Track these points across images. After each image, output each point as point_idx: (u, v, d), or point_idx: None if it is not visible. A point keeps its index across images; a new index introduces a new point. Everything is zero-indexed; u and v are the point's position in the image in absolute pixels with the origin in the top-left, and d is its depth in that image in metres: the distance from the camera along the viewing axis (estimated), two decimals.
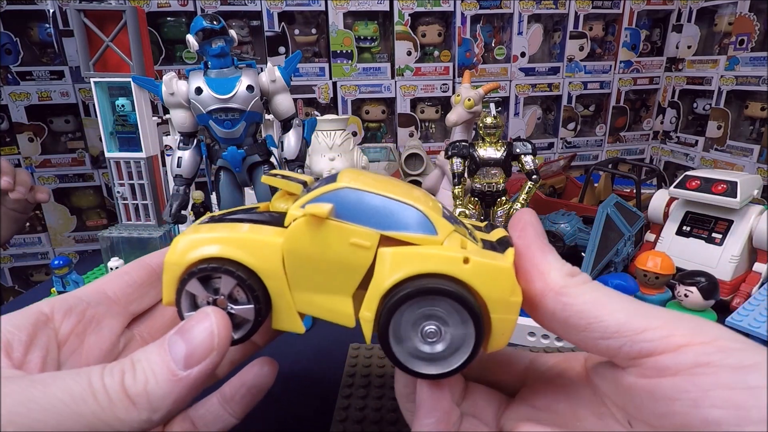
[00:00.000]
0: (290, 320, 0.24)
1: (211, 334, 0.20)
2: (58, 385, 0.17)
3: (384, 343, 0.22)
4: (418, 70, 1.22)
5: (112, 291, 0.26)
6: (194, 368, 0.20)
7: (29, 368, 0.20)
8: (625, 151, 1.42)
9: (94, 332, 0.24)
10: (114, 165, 0.66)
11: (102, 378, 0.18)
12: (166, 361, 0.19)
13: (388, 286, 0.21)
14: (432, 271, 0.21)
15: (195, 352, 0.20)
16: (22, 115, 1.09)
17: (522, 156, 0.56)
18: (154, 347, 0.20)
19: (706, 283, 0.45)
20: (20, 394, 0.17)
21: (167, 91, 0.48)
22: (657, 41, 1.36)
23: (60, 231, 1.20)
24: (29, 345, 0.21)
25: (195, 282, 0.23)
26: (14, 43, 1.07)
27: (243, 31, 1.19)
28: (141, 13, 0.63)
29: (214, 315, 0.21)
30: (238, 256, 0.23)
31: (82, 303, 0.24)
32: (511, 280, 0.21)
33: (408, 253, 0.22)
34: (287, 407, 0.39)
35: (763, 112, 1.10)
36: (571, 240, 0.62)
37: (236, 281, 0.23)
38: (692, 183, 0.57)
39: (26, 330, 0.21)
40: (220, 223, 0.25)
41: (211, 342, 0.20)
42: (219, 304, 0.23)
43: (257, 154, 0.51)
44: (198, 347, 0.20)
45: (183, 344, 0.20)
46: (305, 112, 1.23)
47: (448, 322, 0.22)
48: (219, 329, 0.21)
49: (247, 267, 0.23)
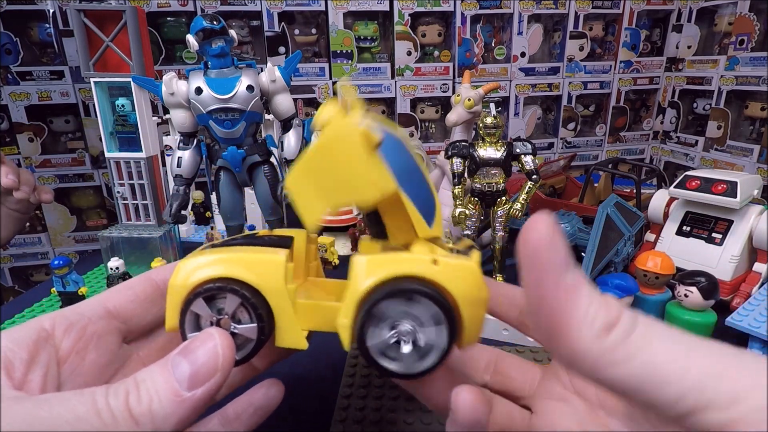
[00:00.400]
0: (294, 337, 0.24)
1: (216, 355, 0.20)
2: (63, 405, 0.17)
3: (362, 346, 0.22)
4: (418, 70, 1.22)
5: (114, 306, 0.26)
6: (198, 389, 0.19)
7: (30, 388, 0.20)
8: (625, 151, 1.42)
9: (95, 349, 0.24)
10: (114, 165, 0.66)
11: (106, 398, 0.18)
12: (170, 382, 0.19)
13: (364, 290, 0.22)
14: (404, 273, 0.22)
15: (199, 373, 0.20)
16: (22, 115, 1.09)
17: (522, 156, 0.56)
18: (157, 367, 0.20)
19: (706, 283, 0.45)
20: (25, 415, 0.17)
21: (167, 91, 0.48)
22: (657, 41, 1.36)
23: (60, 231, 1.20)
24: (30, 363, 0.21)
25: (200, 302, 0.23)
26: (14, 43, 1.07)
27: (243, 31, 1.19)
28: (141, 13, 0.63)
29: (219, 336, 0.21)
30: (242, 274, 0.23)
31: (83, 319, 0.24)
32: (477, 277, 0.22)
33: (381, 259, 0.23)
34: (287, 407, 0.39)
35: (763, 112, 1.10)
36: (571, 240, 0.62)
37: (241, 299, 0.23)
38: (692, 183, 0.57)
39: (27, 347, 0.21)
40: (223, 247, 0.26)
41: (216, 363, 0.20)
42: (222, 324, 0.24)
43: (257, 154, 0.51)
44: (202, 368, 0.20)
45: (187, 365, 0.20)
46: (305, 112, 1.23)
47: (422, 321, 0.22)
48: (223, 350, 0.21)
49: (251, 286, 0.23)
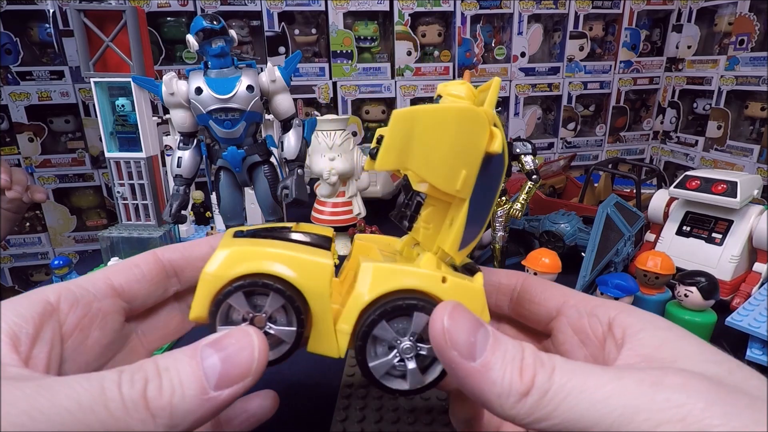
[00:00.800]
0: (329, 344, 0.23)
1: (251, 357, 0.19)
2: (66, 392, 0.15)
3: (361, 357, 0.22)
4: (418, 70, 1.22)
5: (119, 283, 0.24)
6: (225, 390, 0.18)
7: (34, 364, 0.19)
8: (625, 151, 1.43)
9: (99, 327, 0.23)
10: (114, 165, 0.66)
11: (119, 386, 0.16)
12: (199, 377, 0.17)
13: (368, 300, 0.22)
14: (411, 287, 0.22)
15: (230, 374, 0.18)
16: (22, 115, 1.10)
17: (522, 156, 0.56)
18: (184, 357, 0.18)
19: (706, 283, 0.45)
20: (26, 402, 0.15)
21: (167, 91, 0.48)
22: (657, 41, 1.36)
23: (60, 231, 1.20)
24: (35, 338, 0.19)
25: (240, 295, 0.22)
26: (14, 43, 1.07)
27: (243, 31, 1.19)
28: (141, 13, 0.63)
29: (257, 337, 0.19)
30: (289, 275, 0.22)
31: (88, 295, 0.22)
32: (482, 300, 0.22)
33: (389, 269, 0.22)
34: (287, 407, 0.39)
35: (763, 112, 1.10)
36: (571, 240, 0.62)
37: (285, 301, 0.22)
38: (692, 183, 0.57)
39: (33, 321, 0.19)
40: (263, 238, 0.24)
41: (250, 365, 0.18)
42: (257, 322, 0.22)
43: (257, 154, 0.51)
44: (234, 369, 0.18)
45: (219, 362, 0.18)
46: (305, 112, 1.23)
47: (424, 338, 0.22)
48: (259, 353, 0.19)
49: (296, 288, 0.22)
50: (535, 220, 0.66)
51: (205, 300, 0.22)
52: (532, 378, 0.17)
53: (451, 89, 0.23)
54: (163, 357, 0.18)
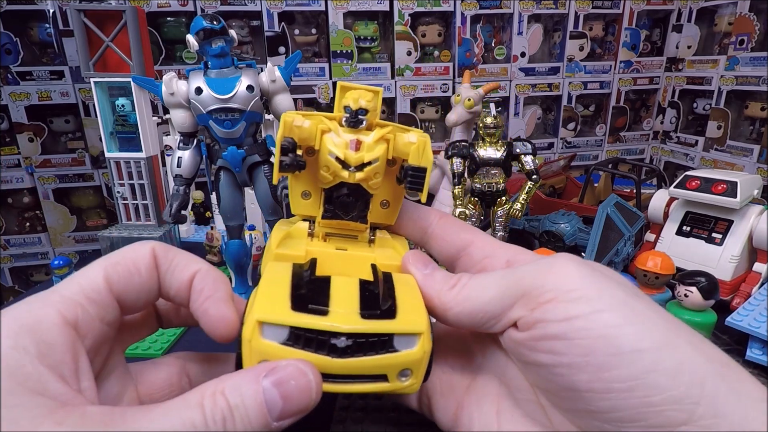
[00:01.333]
0: None
1: (309, 397, 0.20)
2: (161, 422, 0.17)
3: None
4: (418, 70, 1.22)
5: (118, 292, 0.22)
6: (284, 421, 0.19)
7: (91, 396, 0.19)
8: (625, 151, 1.43)
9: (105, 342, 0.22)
10: (114, 165, 0.66)
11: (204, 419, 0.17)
12: (264, 415, 0.18)
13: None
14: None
15: (290, 410, 0.19)
16: (22, 115, 1.10)
17: (522, 156, 0.56)
18: (249, 391, 0.18)
19: (706, 283, 0.45)
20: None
21: (167, 91, 0.48)
22: (657, 41, 1.36)
23: (60, 231, 1.20)
24: (77, 372, 0.19)
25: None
26: (14, 43, 1.07)
27: (243, 31, 1.19)
28: (141, 13, 0.63)
29: (313, 375, 0.20)
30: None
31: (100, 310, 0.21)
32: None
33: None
34: None
35: (763, 112, 1.10)
36: (571, 240, 0.62)
37: None
38: (692, 183, 0.57)
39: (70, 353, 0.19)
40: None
41: (308, 402, 0.20)
42: None
43: (257, 154, 0.51)
44: (293, 406, 0.19)
45: (280, 399, 0.19)
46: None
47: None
48: (317, 395, 0.20)
49: None
50: (535, 220, 0.66)
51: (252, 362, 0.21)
52: (457, 279, 0.25)
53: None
54: (230, 390, 0.18)
